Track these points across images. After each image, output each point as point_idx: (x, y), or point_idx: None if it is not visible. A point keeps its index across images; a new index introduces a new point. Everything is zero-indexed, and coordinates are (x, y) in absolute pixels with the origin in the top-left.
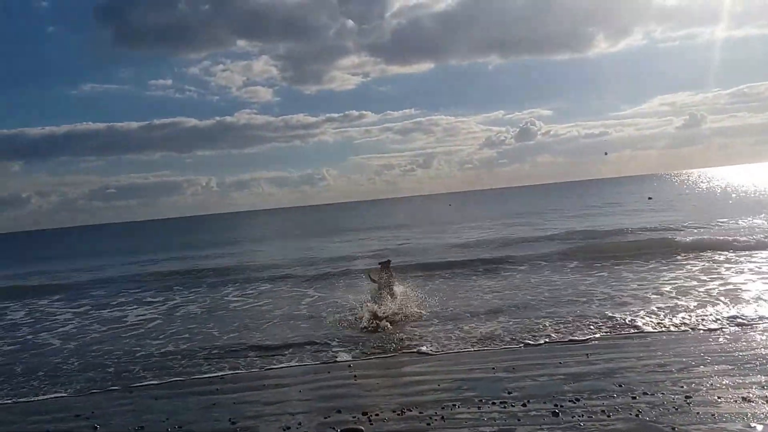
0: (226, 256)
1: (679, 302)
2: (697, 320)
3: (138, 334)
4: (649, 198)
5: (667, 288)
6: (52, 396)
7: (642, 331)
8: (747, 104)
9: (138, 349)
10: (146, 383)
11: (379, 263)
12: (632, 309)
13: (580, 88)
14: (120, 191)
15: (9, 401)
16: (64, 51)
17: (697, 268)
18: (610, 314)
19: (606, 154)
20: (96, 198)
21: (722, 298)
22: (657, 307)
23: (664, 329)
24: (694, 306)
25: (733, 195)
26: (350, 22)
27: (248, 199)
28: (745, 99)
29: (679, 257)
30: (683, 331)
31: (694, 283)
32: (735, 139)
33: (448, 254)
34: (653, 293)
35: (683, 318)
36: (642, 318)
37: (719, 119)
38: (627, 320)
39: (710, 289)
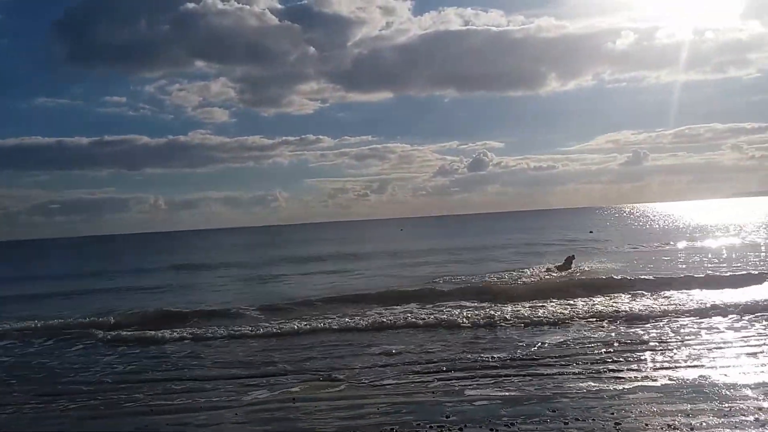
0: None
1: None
2: (626, 350)
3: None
4: (590, 232)
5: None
6: None
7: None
8: (687, 145)
9: (76, 368)
10: (80, 402)
11: (567, 257)
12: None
13: (531, 123)
14: (64, 206)
15: None
16: (17, 64)
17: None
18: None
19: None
20: (38, 213)
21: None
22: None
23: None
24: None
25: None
26: (312, 49)
27: (197, 218)
28: (686, 140)
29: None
30: (614, 360)
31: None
32: (674, 177)
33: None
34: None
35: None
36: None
37: (660, 158)
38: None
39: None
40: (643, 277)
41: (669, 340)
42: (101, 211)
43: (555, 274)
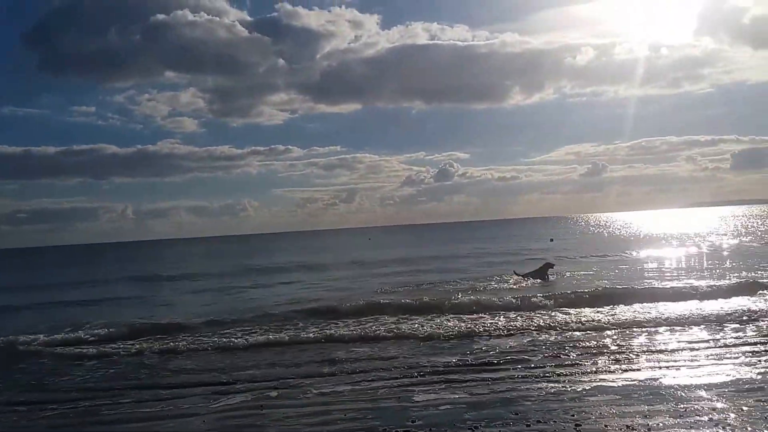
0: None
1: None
2: (586, 355)
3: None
4: (551, 240)
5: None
6: None
7: (534, 365)
8: (644, 156)
9: (44, 380)
10: (50, 411)
11: (546, 263)
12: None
13: (495, 135)
14: (31, 215)
15: None
16: None
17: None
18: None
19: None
20: (4, 222)
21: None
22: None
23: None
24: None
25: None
26: (281, 61)
27: (165, 227)
28: (642, 152)
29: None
30: (575, 364)
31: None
32: (632, 188)
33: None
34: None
35: (575, 353)
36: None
37: (618, 169)
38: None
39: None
40: (605, 287)
41: (626, 346)
42: (69, 220)
43: (529, 282)
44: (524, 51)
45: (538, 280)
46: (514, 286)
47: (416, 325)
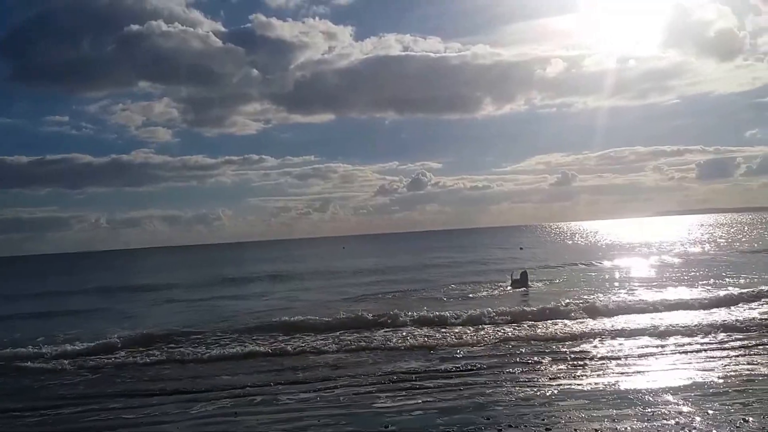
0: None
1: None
2: (554, 361)
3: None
4: (521, 248)
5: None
6: None
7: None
8: (612, 166)
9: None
10: (30, 419)
11: (521, 271)
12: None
13: (467, 145)
14: (3, 225)
15: None
16: None
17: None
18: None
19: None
20: None
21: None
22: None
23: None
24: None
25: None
26: (255, 72)
27: (139, 236)
28: (611, 162)
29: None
30: (544, 370)
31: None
32: (600, 197)
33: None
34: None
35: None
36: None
37: (587, 179)
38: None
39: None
40: (573, 296)
41: (594, 353)
42: (42, 229)
43: (510, 290)
44: (495, 63)
45: (522, 288)
46: (493, 294)
47: (387, 334)
